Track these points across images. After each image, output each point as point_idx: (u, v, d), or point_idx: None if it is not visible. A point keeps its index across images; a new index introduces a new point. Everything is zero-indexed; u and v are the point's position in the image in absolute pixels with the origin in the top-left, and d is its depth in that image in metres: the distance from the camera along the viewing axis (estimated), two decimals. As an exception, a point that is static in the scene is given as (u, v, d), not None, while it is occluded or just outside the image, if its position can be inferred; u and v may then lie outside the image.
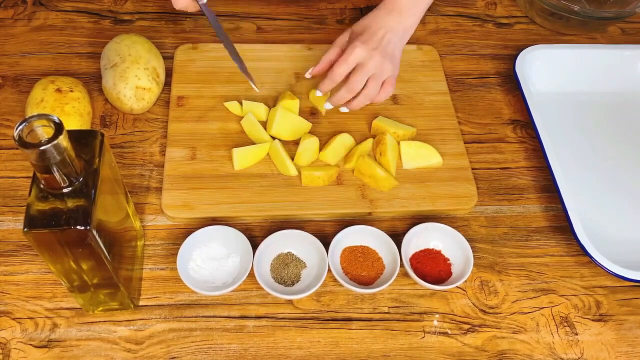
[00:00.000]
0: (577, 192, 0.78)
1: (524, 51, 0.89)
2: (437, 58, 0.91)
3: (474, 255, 0.71)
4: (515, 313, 0.70)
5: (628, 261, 0.69)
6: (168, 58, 0.86)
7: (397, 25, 0.76)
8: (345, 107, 0.78)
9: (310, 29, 0.96)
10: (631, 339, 0.69)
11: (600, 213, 0.78)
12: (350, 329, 0.67)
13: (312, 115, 0.82)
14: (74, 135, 0.50)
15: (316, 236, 0.69)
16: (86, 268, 0.55)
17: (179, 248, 0.67)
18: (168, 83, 0.84)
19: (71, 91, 0.75)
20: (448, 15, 1.01)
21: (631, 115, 0.90)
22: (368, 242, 0.72)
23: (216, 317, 0.66)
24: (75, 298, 0.63)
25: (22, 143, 0.45)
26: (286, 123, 0.78)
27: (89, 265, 0.54)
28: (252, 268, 0.66)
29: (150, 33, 0.90)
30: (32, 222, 0.48)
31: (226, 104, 0.81)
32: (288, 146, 0.78)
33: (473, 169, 0.80)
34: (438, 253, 0.72)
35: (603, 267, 0.69)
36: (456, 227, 0.72)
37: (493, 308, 0.70)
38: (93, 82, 0.84)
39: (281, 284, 0.68)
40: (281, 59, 0.88)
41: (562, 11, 0.95)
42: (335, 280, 0.69)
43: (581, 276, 0.73)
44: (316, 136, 0.78)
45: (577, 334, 0.69)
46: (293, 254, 0.70)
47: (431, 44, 0.94)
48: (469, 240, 0.71)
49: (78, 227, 0.48)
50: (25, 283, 0.67)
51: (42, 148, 0.45)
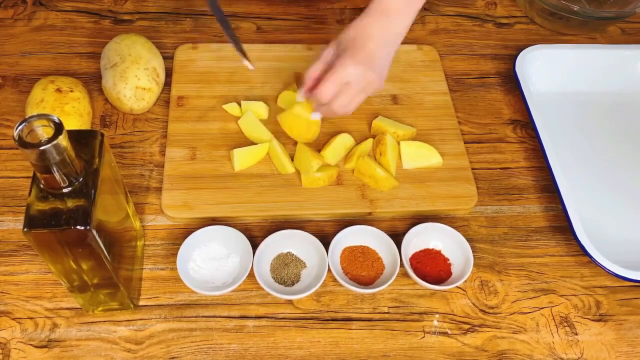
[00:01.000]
0: (577, 192, 0.78)
1: (524, 51, 0.89)
2: (437, 58, 0.91)
3: (474, 255, 0.71)
4: (515, 313, 0.70)
5: (628, 261, 0.69)
6: (168, 58, 0.86)
7: (388, 32, 0.70)
8: (319, 115, 0.74)
9: (310, 29, 0.96)
10: (631, 339, 0.69)
11: (600, 213, 0.78)
12: (350, 329, 0.67)
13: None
14: (74, 135, 0.50)
15: (316, 236, 0.69)
16: (86, 268, 0.55)
17: (179, 248, 0.67)
18: (168, 83, 0.84)
19: (71, 91, 0.75)
20: (448, 15, 1.01)
21: (631, 115, 0.90)
22: (368, 242, 0.72)
23: (216, 317, 0.66)
24: (75, 298, 0.63)
25: (22, 143, 0.45)
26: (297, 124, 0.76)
27: (89, 265, 0.54)
28: (252, 268, 0.66)
29: (150, 33, 0.90)
30: (32, 222, 0.48)
31: (225, 106, 0.81)
32: (288, 146, 0.78)
33: (473, 169, 0.80)
34: (438, 253, 0.72)
35: (603, 267, 0.69)
36: (456, 227, 0.72)
37: (493, 308, 0.70)
38: (93, 82, 0.84)
39: (281, 284, 0.68)
40: (281, 59, 0.88)
41: (562, 11, 0.95)
42: (335, 280, 0.69)
43: (581, 276, 0.73)
44: (317, 136, 0.78)
45: (577, 334, 0.69)
46: (293, 254, 0.70)
47: (431, 44, 0.94)
48: (469, 240, 0.71)
49: (78, 227, 0.48)
50: (25, 283, 0.67)
51: (42, 148, 0.45)
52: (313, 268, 0.69)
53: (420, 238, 0.72)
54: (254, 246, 0.68)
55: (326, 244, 0.69)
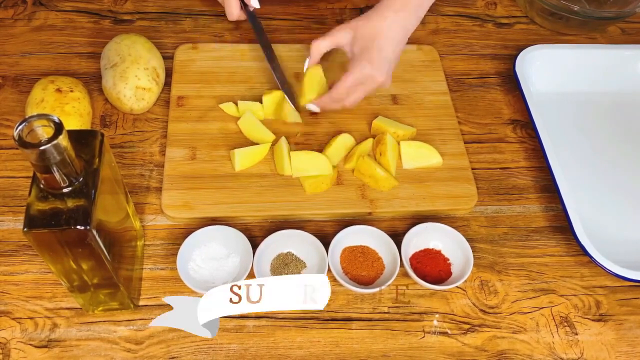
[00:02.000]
0: (577, 192, 0.78)
1: (524, 51, 0.89)
2: (437, 58, 0.91)
3: (474, 255, 0.71)
4: (515, 313, 0.70)
5: (628, 261, 0.69)
6: (168, 58, 0.86)
7: (402, 29, 0.73)
8: (315, 107, 0.77)
9: (310, 29, 0.95)
10: (631, 339, 0.69)
11: (600, 213, 0.78)
12: (350, 329, 0.67)
13: (312, 115, 0.82)
14: (74, 135, 0.50)
15: (316, 236, 0.69)
16: (86, 268, 0.55)
17: (179, 248, 0.67)
18: (168, 83, 0.84)
19: (71, 91, 0.75)
20: (448, 15, 1.01)
21: (631, 115, 0.90)
22: (368, 242, 0.72)
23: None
24: (75, 298, 0.63)
25: (22, 143, 0.45)
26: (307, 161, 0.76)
27: (89, 265, 0.54)
28: (252, 268, 0.66)
29: (150, 33, 0.90)
30: (32, 222, 0.48)
31: (221, 106, 0.81)
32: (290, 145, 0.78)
33: (473, 169, 0.80)
34: (438, 253, 0.72)
35: (603, 267, 0.69)
36: (456, 227, 0.72)
37: (493, 308, 0.70)
38: (93, 82, 0.84)
39: (281, 284, 0.68)
40: (281, 59, 0.88)
41: (562, 11, 0.95)
42: (335, 280, 0.69)
43: (581, 276, 0.73)
44: (317, 136, 0.78)
45: (577, 334, 0.69)
46: (293, 254, 0.70)
47: (431, 44, 0.94)
48: (469, 240, 0.71)
49: (78, 227, 0.48)
50: (25, 283, 0.67)
51: (42, 148, 0.45)
52: (313, 268, 0.69)
53: (420, 238, 0.72)
54: (254, 246, 0.68)
55: (326, 244, 0.69)
